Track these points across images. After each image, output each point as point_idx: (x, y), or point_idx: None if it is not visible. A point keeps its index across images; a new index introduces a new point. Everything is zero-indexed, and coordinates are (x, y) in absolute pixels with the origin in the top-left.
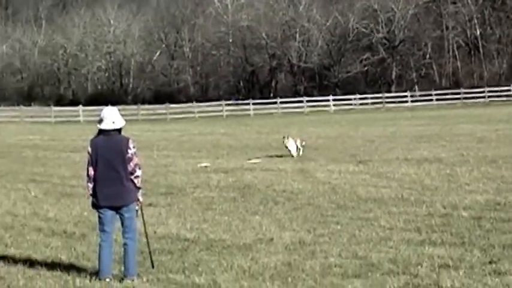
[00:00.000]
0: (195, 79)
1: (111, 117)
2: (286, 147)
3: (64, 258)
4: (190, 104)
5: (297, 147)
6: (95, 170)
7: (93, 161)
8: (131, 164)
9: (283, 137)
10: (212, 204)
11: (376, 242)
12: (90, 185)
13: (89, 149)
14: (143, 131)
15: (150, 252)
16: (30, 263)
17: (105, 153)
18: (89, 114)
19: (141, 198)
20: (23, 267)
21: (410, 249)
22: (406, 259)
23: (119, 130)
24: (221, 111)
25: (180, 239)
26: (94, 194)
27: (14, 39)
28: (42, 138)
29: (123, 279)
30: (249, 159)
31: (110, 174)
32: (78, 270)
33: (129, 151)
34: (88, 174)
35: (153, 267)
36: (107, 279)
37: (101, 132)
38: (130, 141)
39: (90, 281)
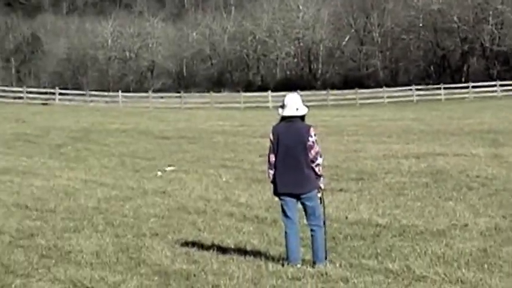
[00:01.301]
0: (384, 64)
1: (295, 103)
2: None
3: (256, 243)
4: (379, 89)
5: None
6: (276, 157)
7: (275, 148)
8: (312, 151)
9: None
10: (404, 189)
11: None
12: (271, 172)
13: (271, 136)
14: (332, 116)
15: (325, 243)
16: (223, 247)
17: (286, 140)
18: (277, 99)
19: (322, 186)
20: (216, 251)
21: None
22: None
23: (302, 117)
24: (411, 96)
25: (372, 224)
26: (274, 181)
27: (204, 25)
28: (232, 124)
29: (314, 264)
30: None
31: (290, 162)
32: (271, 255)
33: (310, 139)
34: (269, 161)
35: (325, 258)
36: (298, 265)
37: (283, 118)
38: (311, 129)
39: (282, 265)
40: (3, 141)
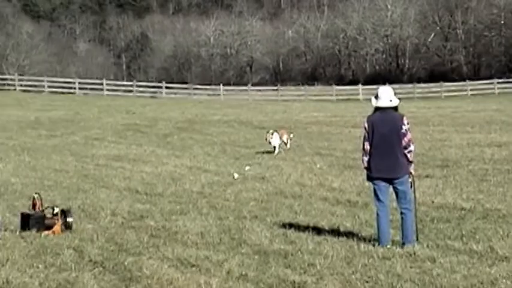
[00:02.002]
0: (467, 59)
1: (388, 95)
2: (270, 143)
3: (348, 225)
4: (463, 83)
5: (284, 142)
6: (370, 145)
7: (369, 136)
8: (405, 139)
9: (267, 132)
10: (486, 176)
11: None
12: (366, 159)
13: (366, 125)
14: (419, 108)
15: (416, 224)
16: (318, 229)
17: (381, 128)
18: (367, 92)
19: (413, 172)
20: (311, 233)
21: None
22: None
23: (395, 108)
24: (493, 88)
25: (457, 208)
26: (368, 167)
27: (299, 24)
28: (325, 115)
29: (403, 245)
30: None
31: (385, 148)
32: (362, 236)
33: (404, 127)
34: (364, 149)
35: (417, 239)
36: (387, 246)
37: (377, 109)
38: (404, 118)
39: (373, 246)
40: (115, 131)
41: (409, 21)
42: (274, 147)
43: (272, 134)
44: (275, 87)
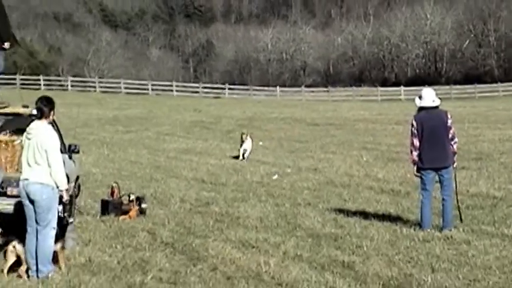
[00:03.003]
0: (499, 63)
1: (431, 96)
2: (241, 146)
3: (392, 211)
4: (495, 84)
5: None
6: (420, 140)
7: (418, 133)
8: (451, 131)
9: (243, 133)
10: None
11: None
12: (415, 153)
13: (414, 123)
14: (455, 107)
15: (459, 208)
16: (364, 215)
17: (429, 124)
18: (409, 93)
19: (456, 162)
20: (358, 218)
21: None
22: None
23: (436, 107)
24: None
25: (490, 196)
26: (419, 159)
27: (347, 32)
28: (370, 113)
29: (442, 229)
30: None
31: (434, 141)
32: (404, 221)
33: (449, 121)
34: (413, 144)
35: (461, 221)
36: (428, 230)
37: (421, 109)
38: (448, 113)
39: (414, 230)
40: (183, 127)
41: (446, 29)
42: (245, 150)
43: (247, 136)
44: (326, 89)
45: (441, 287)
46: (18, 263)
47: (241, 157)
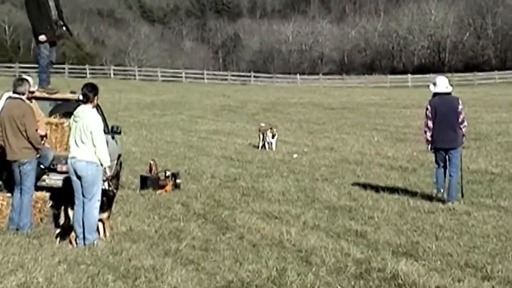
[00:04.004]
0: (496, 53)
1: (444, 83)
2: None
3: (400, 186)
4: (492, 72)
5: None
6: (433, 122)
7: (432, 116)
8: (461, 116)
9: (271, 128)
10: (511, 146)
11: None
12: (429, 134)
13: (428, 107)
14: (456, 93)
15: (461, 185)
16: (376, 189)
17: (442, 108)
18: (415, 80)
19: (464, 143)
20: (370, 192)
21: None
22: None
23: (449, 93)
24: None
25: (488, 173)
26: (432, 139)
27: (360, 26)
28: (380, 98)
29: (448, 200)
30: None
31: (446, 124)
32: (411, 195)
33: (459, 107)
34: (427, 126)
35: (462, 195)
36: (441, 190)
37: (435, 94)
38: (459, 99)
39: (420, 202)
40: (213, 111)
41: (449, 24)
42: (270, 143)
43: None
44: (341, 76)
45: (444, 253)
46: (66, 231)
47: (274, 148)
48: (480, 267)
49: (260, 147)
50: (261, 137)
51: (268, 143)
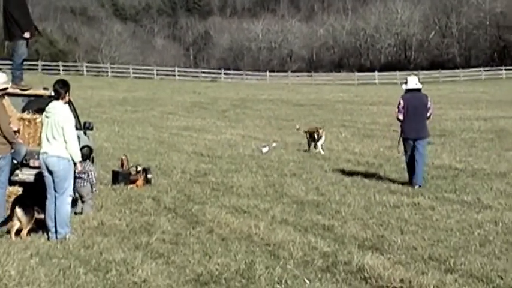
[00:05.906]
0: (460, 52)
1: (415, 81)
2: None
3: (367, 181)
4: (456, 70)
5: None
6: (404, 115)
7: (404, 110)
8: (430, 111)
9: (319, 128)
10: (475, 143)
11: None
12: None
13: (401, 102)
14: (422, 90)
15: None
16: (343, 184)
17: (413, 103)
18: (382, 78)
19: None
20: (337, 187)
21: None
22: None
23: (419, 90)
24: (480, 75)
25: (452, 168)
26: (402, 129)
27: (328, 24)
28: (348, 96)
29: (415, 183)
30: None
31: (416, 117)
32: (377, 190)
33: (429, 103)
34: (398, 118)
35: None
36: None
37: (408, 91)
38: (428, 96)
39: (386, 197)
40: (184, 107)
41: (415, 22)
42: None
43: (323, 131)
44: (309, 74)
45: (409, 247)
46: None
47: (321, 151)
48: (443, 260)
49: (310, 149)
50: (312, 137)
51: (316, 145)
